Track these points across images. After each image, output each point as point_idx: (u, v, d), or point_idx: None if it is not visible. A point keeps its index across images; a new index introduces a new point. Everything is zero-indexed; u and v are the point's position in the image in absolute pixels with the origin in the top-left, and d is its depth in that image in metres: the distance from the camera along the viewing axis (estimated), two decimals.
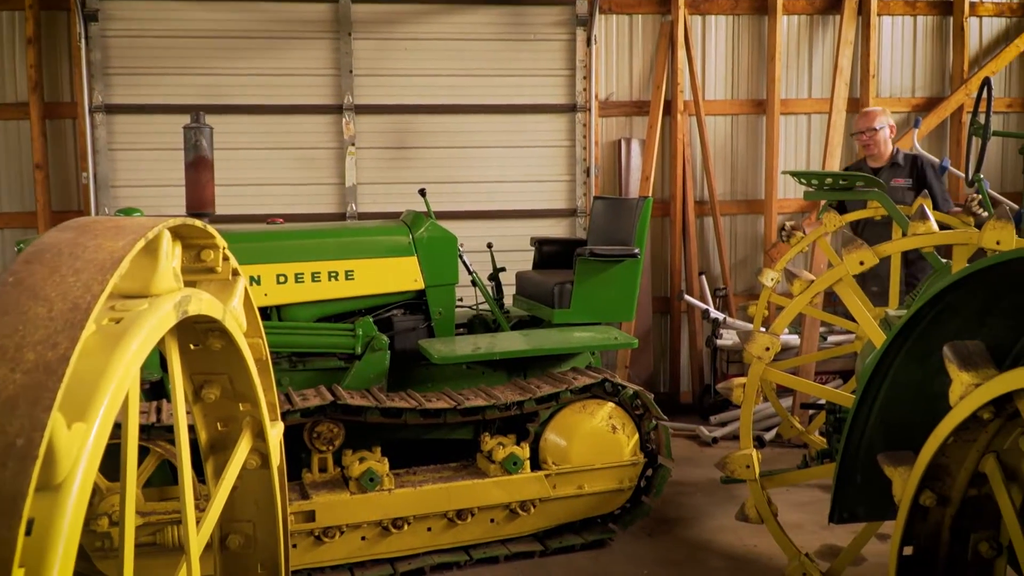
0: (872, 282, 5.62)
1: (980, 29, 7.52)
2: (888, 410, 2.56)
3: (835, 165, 7.06)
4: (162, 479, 4.00)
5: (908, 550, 2.24)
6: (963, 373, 1.98)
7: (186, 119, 4.82)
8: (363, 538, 4.18)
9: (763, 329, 4.92)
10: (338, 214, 6.80)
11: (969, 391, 1.96)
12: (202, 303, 1.67)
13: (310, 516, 4.03)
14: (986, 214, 5.06)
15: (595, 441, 4.48)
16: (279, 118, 6.71)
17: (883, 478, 2.32)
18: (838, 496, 2.74)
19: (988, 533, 2.16)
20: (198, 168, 4.71)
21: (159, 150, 6.47)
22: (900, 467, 2.24)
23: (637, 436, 4.57)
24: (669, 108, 7.11)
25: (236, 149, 6.56)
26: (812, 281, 3.88)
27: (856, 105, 7.28)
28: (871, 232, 5.84)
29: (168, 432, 3.75)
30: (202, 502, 3.23)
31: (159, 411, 3.91)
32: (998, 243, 3.40)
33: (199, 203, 4.70)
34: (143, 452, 3.80)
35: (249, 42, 6.65)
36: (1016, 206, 6.38)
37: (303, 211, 6.69)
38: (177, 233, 1.71)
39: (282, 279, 4.63)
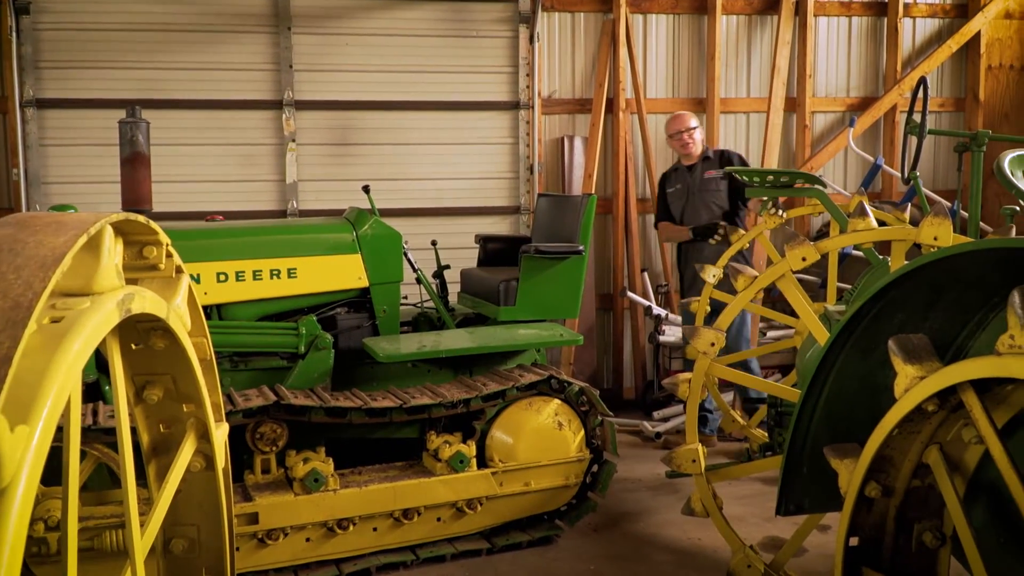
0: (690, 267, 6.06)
1: (914, 30, 7.69)
2: (833, 403, 2.60)
3: (773, 163, 7.18)
4: (100, 483, 3.90)
5: (854, 541, 2.28)
6: (908, 366, 2.01)
7: (121, 114, 4.71)
8: (308, 539, 4.12)
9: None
10: (279, 211, 6.71)
11: (914, 384, 1.99)
12: (145, 301, 1.62)
13: (253, 518, 3.96)
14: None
15: (541, 438, 4.48)
16: (217, 113, 6.59)
17: (829, 470, 2.35)
18: (784, 489, 2.77)
19: (932, 523, 2.21)
20: (134, 164, 4.61)
21: (93, 146, 6.31)
22: (846, 459, 2.28)
23: (583, 432, 4.59)
24: (611, 106, 7.15)
25: (173, 145, 6.43)
26: (755, 277, 3.92)
27: (793, 104, 7.41)
28: (692, 206, 6.18)
29: (106, 435, 3.66)
30: (143, 505, 3.15)
31: (95, 413, 3.82)
32: (936, 239, 3.48)
33: (135, 200, 4.60)
34: (80, 456, 3.70)
35: (186, 35, 6.52)
36: (950, 204, 6.55)
37: (243, 208, 6.57)
38: (119, 229, 1.67)
39: (222, 277, 4.54)
